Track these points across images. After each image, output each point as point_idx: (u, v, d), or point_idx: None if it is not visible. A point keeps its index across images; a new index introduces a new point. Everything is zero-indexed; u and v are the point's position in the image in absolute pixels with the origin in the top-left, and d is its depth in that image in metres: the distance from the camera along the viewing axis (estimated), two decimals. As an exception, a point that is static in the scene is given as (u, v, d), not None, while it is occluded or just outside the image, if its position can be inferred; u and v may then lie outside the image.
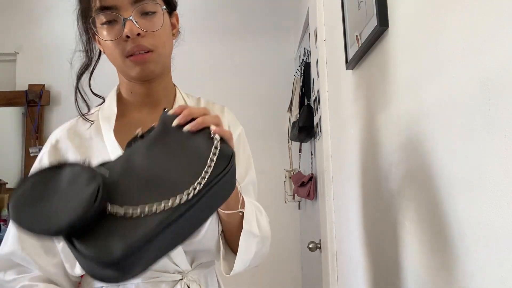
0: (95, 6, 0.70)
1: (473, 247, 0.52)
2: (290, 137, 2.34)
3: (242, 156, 0.85)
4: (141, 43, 0.70)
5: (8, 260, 0.72)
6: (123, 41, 0.70)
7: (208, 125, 0.58)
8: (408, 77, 0.73)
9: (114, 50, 0.72)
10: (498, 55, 0.46)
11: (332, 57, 1.43)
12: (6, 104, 3.00)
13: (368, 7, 0.89)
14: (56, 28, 3.12)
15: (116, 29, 0.70)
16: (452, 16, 0.56)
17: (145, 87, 0.79)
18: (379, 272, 0.93)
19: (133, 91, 0.80)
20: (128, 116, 0.81)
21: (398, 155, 0.79)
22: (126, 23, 0.69)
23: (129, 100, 0.81)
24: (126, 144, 0.62)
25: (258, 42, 3.04)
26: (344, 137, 1.26)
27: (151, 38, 0.71)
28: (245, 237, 0.72)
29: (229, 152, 0.59)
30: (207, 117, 0.58)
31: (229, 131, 0.61)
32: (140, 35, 0.70)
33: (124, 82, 0.81)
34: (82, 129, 0.80)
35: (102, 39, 0.73)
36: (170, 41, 0.78)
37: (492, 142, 0.47)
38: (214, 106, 0.89)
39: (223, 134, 0.58)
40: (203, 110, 0.60)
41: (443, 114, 0.59)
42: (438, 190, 0.62)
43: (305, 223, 2.55)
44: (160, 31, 0.72)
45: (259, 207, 0.82)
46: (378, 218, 0.92)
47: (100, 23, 0.72)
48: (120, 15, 0.69)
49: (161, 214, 0.49)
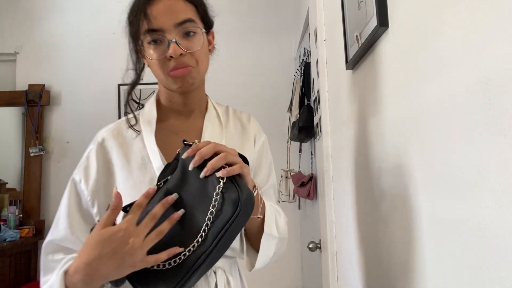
0: (143, 28, 0.79)
1: (473, 247, 0.52)
2: (290, 137, 2.34)
3: (264, 163, 0.95)
4: (182, 61, 0.79)
5: (58, 245, 0.81)
6: (167, 60, 0.79)
7: (218, 166, 0.65)
8: (408, 77, 0.73)
9: (159, 67, 0.81)
10: (498, 55, 0.46)
11: (332, 57, 1.43)
12: (6, 104, 3.00)
13: (368, 7, 0.89)
14: (56, 28, 3.12)
15: (161, 49, 0.79)
16: (452, 16, 0.56)
17: (183, 97, 0.88)
18: (379, 272, 0.93)
19: (172, 100, 0.89)
20: (166, 121, 0.90)
21: (398, 155, 0.79)
22: (171, 44, 0.78)
23: (167, 107, 0.90)
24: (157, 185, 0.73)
25: (258, 42, 3.04)
26: (344, 137, 1.26)
27: (191, 56, 0.80)
28: (266, 239, 0.80)
29: (235, 197, 0.64)
30: (216, 160, 0.65)
31: (239, 167, 0.67)
32: (182, 55, 0.79)
33: (164, 91, 0.90)
34: (125, 131, 0.89)
35: (149, 58, 0.82)
36: (207, 58, 0.87)
37: (492, 142, 0.47)
38: (242, 114, 0.98)
39: (233, 173, 0.65)
40: (213, 147, 0.66)
41: (443, 114, 0.59)
42: (438, 190, 0.62)
43: (305, 223, 2.55)
44: (200, 50, 0.81)
45: (278, 210, 0.90)
46: (378, 218, 0.92)
47: (147, 43, 0.81)
48: (165, 37, 0.78)
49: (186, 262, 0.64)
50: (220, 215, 0.64)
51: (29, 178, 2.95)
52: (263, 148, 0.96)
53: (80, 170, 0.85)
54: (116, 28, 3.82)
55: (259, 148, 0.95)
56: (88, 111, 3.04)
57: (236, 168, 0.66)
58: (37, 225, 2.86)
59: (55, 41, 3.11)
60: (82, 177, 0.83)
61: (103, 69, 3.06)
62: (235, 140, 0.91)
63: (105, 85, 3.05)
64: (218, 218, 0.64)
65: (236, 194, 0.64)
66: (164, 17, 0.78)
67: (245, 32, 3.03)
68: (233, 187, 0.65)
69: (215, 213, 0.64)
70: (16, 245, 2.59)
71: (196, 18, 0.83)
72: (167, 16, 0.78)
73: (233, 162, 0.67)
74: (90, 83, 3.07)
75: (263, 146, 0.96)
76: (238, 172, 0.66)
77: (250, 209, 0.67)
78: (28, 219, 2.88)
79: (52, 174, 3.01)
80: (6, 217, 2.75)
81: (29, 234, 2.76)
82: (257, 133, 0.96)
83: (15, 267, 2.63)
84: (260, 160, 0.95)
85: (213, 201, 0.64)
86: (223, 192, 0.64)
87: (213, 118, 0.92)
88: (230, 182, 0.65)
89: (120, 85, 3.05)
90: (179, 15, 0.79)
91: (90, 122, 3.02)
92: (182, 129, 0.89)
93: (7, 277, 2.54)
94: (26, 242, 2.72)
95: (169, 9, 0.79)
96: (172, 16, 0.79)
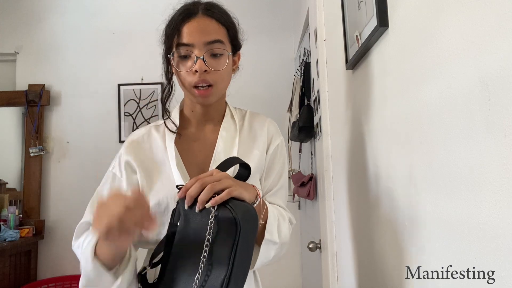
0: (176, 42, 0.87)
1: (473, 247, 0.52)
2: (290, 137, 2.34)
3: (276, 165, 0.99)
4: (205, 77, 0.86)
5: (85, 227, 0.89)
6: (192, 74, 0.86)
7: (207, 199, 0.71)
8: (408, 77, 0.73)
9: (185, 79, 0.88)
10: (498, 55, 0.46)
11: (332, 57, 1.43)
12: (6, 104, 3.00)
13: (368, 7, 0.89)
14: (56, 28, 3.12)
15: (189, 63, 0.87)
16: (452, 16, 0.56)
17: (204, 109, 0.96)
18: (379, 272, 0.93)
19: (194, 110, 0.97)
20: (187, 129, 0.98)
21: (398, 154, 0.79)
22: (198, 60, 0.85)
23: (189, 116, 0.98)
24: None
25: (258, 42, 3.04)
26: (344, 137, 1.26)
27: (214, 74, 0.87)
28: (266, 245, 0.84)
29: (231, 217, 0.68)
30: (203, 194, 0.71)
31: (227, 193, 0.72)
32: (206, 72, 0.86)
33: (188, 102, 0.97)
34: (154, 135, 0.97)
35: (177, 70, 0.89)
36: (229, 77, 0.95)
37: (492, 142, 0.47)
38: (259, 117, 1.03)
39: (220, 201, 0.70)
40: (200, 185, 0.72)
41: (443, 114, 0.59)
42: (438, 190, 0.62)
43: (305, 223, 2.55)
44: (223, 70, 0.89)
45: (282, 213, 0.93)
46: (379, 218, 0.92)
47: (177, 56, 0.88)
48: (194, 52, 0.86)
49: None
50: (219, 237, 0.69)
51: (29, 178, 2.95)
52: (277, 151, 1.00)
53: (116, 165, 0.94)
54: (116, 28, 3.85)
55: (273, 151, 0.99)
56: (88, 111, 3.04)
57: (223, 195, 0.71)
58: (37, 225, 2.86)
59: (55, 41, 3.11)
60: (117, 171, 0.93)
61: (103, 69, 3.06)
62: (246, 145, 0.96)
63: (105, 85, 3.05)
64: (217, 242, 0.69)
65: (230, 214, 0.69)
66: (196, 34, 0.86)
67: (245, 32, 3.03)
68: (227, 210, 0.70)
69: (211, 239, 0.69)
70: (16, 245, 2.59)
71: (226, 40, 0.90)
72: (199, 34, 0.86)
73: (222, 189, 0.72)
74: (90, 83, 3.07)
75: (277, 149, 1.00)
76: (226, 198, 0.71)
77: (252, 222, 0.72)
78: (28, 219, 2.88)
79: (52, 174, 3.00)
80: (6, 217, 2.75)
81: (29, 234, 2.76)
82: (273, 136, 1.00)
83: (15, 267, 2.63)
84: (272, 163, 0.98)
85: (208, 228, 0.69)
86: (217, 218, 0.69)
87: (229, 126, 0.98)
88: (224, 206, 0.70)
89: (120, 85, 3.05)
90: (210, 35, 0.86)
91: (90, 122, 3.02)
92: (200, 137, 0.97)
93: (7, 277, 2.53)
94: (26, 242, 2.72)
95: (202, 28, 0.86)
96: (203, 34, 0.86)
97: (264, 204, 0.85)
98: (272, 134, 1.01)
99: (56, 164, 3.02)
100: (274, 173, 0.98)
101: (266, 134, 0.99)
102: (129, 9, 3.09)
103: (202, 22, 0.87)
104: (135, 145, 0.95)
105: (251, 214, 0.72)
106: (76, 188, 2.91)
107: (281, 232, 0.88)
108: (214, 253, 0.69)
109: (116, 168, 0.94)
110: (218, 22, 0.89)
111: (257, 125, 1.01)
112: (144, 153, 0.94)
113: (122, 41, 3.03)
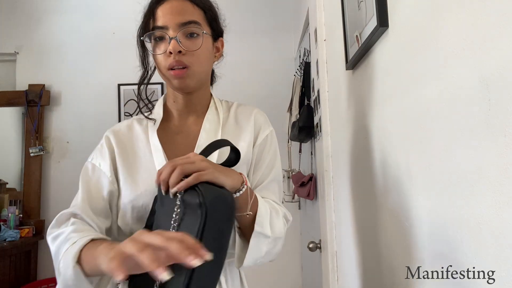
0: (151, 25, 0.86)
1: (473, 247, 0.52)
2: (290, 137, 2.34)
3: (266, 157, 0.94)
4: (180, 59, 0.83)
5: (67, 217, 0.84)
6: (168, 56, 0.83)
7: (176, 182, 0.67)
8: (408, 77, 0.73)
9: (161, 62, 0.85)
10: (498, 55, 0.46)
11: (332, 57, 1.43)
12: (6, 104, 3.00)
13: (368, 7, 0.89)
14: (56, 28, 3.12)
15: (163, 45, 0.85)
16: (452, 16, 0.56)
17: (186, 98, 0.93)
18: (379, 272, 0.93)
19: (176, 100, 0.94)
20: (170, 121, 0.95)
21: (398, 154, 0.79)
22: (172, 41, 0.82)
23: (172, 107, 0.96)
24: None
25: (258, 42, 3.04)
26: (344, 137, 1.26)
27: (190, 56, 0.84)
28: (256, 237, 0.79)
29: (196, 202, 0.62)
30: (172, 178, 0.67)
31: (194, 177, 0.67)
32: (181, 53, 0.83)
33: (170, 92, 0.95)
34: (136, 128, 0.94)
35: (152, 53, 0.88)
36: (208, 61, 0.90)
37: (492, 142, 0.47)
38: (245, 108, 0.99)
39: (186, 186, 0.66)
40: (170, 167, 0.68)
41: (443, 114, 0.59)
42: (438, 190, 0.61)
43: (305, 223, 2.55)
44: (199, 51, 0.85)
45: (275, 207, 0.88)
46: (378, 218, 0.92)
47: (153, 39, 0.87)
48: (168, 34, 0.83)
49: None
50: (184, 223, 0.63)
51: (29, 178, 2.95)
52: (267, 141, 0.95)
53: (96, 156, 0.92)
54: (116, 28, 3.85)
55: (261, 142, 0.94)
56: (88, 111, 3.04)
57: (190, 179, 0.66)
58: (37, 225, 2.86)
59: (55, 41, 3.11)
60: (97, 162, 0.90)
61: (103, 69, 3.06)
62: (231, 137, 0.90)
63: (105, 85, 3.05)
64: (182, 226, 0.63)
65: (197, 199, 0.63)
66: (169, 16, 0.83)
67: (245, 32, 3.03)
68: (194, 193, 0.64)
69: (177, 223, 0.63)
70: (16, 245, 2.59)
71: (203, 22, 0.87)
72: (172, 16, 0.83)
73: (193, 171, 0.67)
74: (90, 83, 3.07)
75: (266, 139, 0.95)
76: (194, 183, 0.66)
77: (224, 209, 0.66)
78: (28, 219, 2.88)
79: (52, 174, 3.00)
80: (6, 217, 2.75)
81: (29, 234, 2.76)
82: (262, 127, 0.96)
83: (15, 267, 2.63)
84: (261, 155, 0.94)
85: (174, 214, 0.64)
86: (184, 202, 0.64)
87: (212, 118, 0.94)
88: (193, 190, 0.65)
89: (120, 85, 3.05)
90: (184, 16, 0.84)
91: (90, 122, 3.02)
92: (182, 129, 0.94)
93: (7, 277, 2.53)
94: (26, 242, 2.72)
95: (176, 9, 0.84)
96: (177, 16, 0.83)
97: (253, 193, 0.79)
98: (260, 124, 0.96)
99: (56, 164, 3.02)
100: (264, 165, 0.93)
101: (253, 125, 0.94)
102: (129, 9, 3.07)
103: (176, 4, 0.84)
104: (116, 137, 0.92)
105: (225, 200, 0.66)
106: (76, 188, 2.90)
107: (274, 225, 0.82)
108: None
109: (95, 159, 0.91)
110: (193, 3, 0.86)
111: (243, 116, 0.96)
112: (125, 144, 0.91)
113: (122, 41, 3.02)
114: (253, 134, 0.94)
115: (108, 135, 0.93)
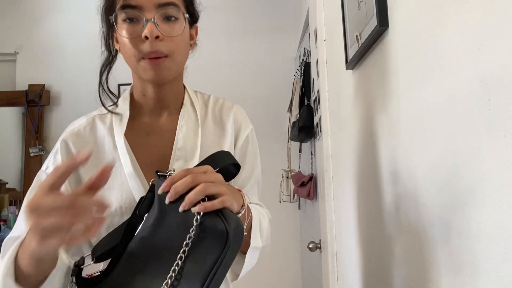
0: (119, 3, 0.71)
1: (473, 247, 0.52)
2: (290, 137, 2.34)
3: (248, 159, 0.86)
4: (158, 47, 0.70)
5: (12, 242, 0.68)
6: (141, 41, 0.71)
7: (196, 201, 0.57)
8: (408, 77, 0.73)
9: (131, 49, 0.72)
10: (498, 55, 0.46)
11: (332, 57, 1.43)
12: (6, 104, 3.00)
13: (368, 7, 0.89)
14: (56, 28, 3.12)
15: (136, 28, 0.71)
16: (452, 16, 0.56)
17: (157, 91, 0.79)
18: (379, 272, 0.93)
19: (145, 94, 0.81)
20: (138, 119, 0.82)
21: (397, 155, 0.79)
22: (148, 24, 0.69)
23: (141, 103, 0.82)
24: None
25: (258, 42, 3.04)
26: (344, 137, 1.26)
27: (169, 42, 0.72)
28: (252, 253, 0.73)
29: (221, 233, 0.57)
30: (194, 194, 0.57)
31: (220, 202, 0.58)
32: (158, 38, 0.70)
33: (138, 84, 0.81)
34: (99, 127, 0.81)
35: (121, 36, 0.73)
36: (187, 50, 0.79)
37: (492, 142, 0.47)
38: (223, 106, 0.88)
39: (211, 209, 0.57)
40: (190, 181, 0.58)
41: (443, 114, 0.59)
42: (438, 190, 0.62)
43: (305, 223, 2.55)
44: (179, 37, 0.73)
45: (261, 212, 0.82)
46: (378, 218, 0.92)
47: (121, 20, 0.72)
48: (143, 15, 0.70)
49: None
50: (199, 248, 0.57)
51: (29, 178, 2.94)
52: (248, 142, 0.86)
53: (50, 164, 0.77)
54: (116, 28, 3.72)
55: (242, 145, 0.85)
56: (88, 111, 3.03)
57: (216, 204, 0.58)
58: (37, 225, 2.86)
59: (55, 41, 3.11)
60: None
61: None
62: (212, 139, 0.82)
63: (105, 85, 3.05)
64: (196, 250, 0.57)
65: (220, 226, 0.57)
66: None
67: (245, 32, 3.03)
68: (218, 219, 0.58)
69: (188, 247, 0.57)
70: (16, 245, 2.59)
71: (181, 5, 0.75)
72: None
73: (215, 194, 0.59)
74: (90, 83, 3.06)
75: (247, 141, 0.86)
76: (219, 207, 0.58)
77: (240, 238, 0.60)
78: (28, 219, 2.88)
79: (52, 174, 3.00)
80: (6, 217, 2.75)
81: (29, 234, 2.76)
82: (241, 126, 0.86)
83: (15, 267, 2.63)
84: (244, 157, 0.85)
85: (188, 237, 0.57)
86: (203, 226, 0.57)
87: (189, 115, 0.83)
88: (215, 215, 0.58)
89: (120, 85, 3.05)
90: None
91: (90, 122, 3.02)
92: (154, 129, 0.81)
93: (7, 277, 2.53)
94: (26, 242, 2.72)
95: None
96: None
97: (249, 211, 0.71)
98: (240, 124, 0.86)
99: (56, 164, 3.02)
100: (245, 168, 0.85)
101: (232, 125, 0.85)
102: (129, 9, 3.09)
103: None
104: (75, 142, 0.78)
105: (240, 229, 0.61)
106: (76, 188, 2.91)
107: (263, 233, 0.77)
108: (186, 265, 0.57)
109: (50, 168, 0.77)
110: None
111: (222, 115, 0.86)
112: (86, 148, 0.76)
113: (122, 41, 3.03)
114: (233, 135, 0.85)
115: (66, 139, 0.79)
